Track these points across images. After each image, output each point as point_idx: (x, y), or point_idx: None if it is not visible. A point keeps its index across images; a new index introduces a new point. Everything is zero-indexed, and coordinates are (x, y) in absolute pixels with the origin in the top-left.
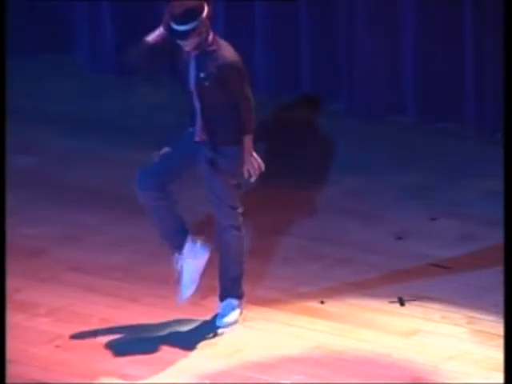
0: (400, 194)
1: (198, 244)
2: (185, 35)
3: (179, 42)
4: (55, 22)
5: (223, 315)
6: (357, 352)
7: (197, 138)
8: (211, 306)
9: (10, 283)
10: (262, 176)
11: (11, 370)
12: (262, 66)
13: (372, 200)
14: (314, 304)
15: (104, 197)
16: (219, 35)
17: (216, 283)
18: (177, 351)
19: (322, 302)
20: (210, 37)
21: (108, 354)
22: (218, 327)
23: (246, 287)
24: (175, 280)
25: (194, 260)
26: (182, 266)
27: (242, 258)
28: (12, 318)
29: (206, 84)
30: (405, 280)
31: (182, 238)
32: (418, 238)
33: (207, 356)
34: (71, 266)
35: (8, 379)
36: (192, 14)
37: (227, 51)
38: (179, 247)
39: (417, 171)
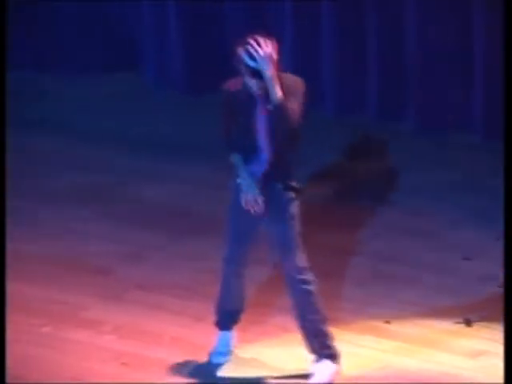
0: (466, 213)
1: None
2: (261, 72)
3: (254, 81)
4: (121, 40)
5: (313, 374)
6: (423, 372)
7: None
8: (277, 324)
9: (76, 301)
10: (328, 195)
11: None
12: (328, 86)
13: (438, 220)
14: (380, 324)
15: (169, 214)
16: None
17: (276, 300)
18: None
19: (388, 322)
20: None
21: (172, 371)
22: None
23: None
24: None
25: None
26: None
27: (319, 314)
28: (78, 335)
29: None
30: (472, 301)
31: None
32: (485, 259)
33: (273, 373)
34: (136, 283)
35: None
36: (267, 51)
37: (289, 79)
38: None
39: (482, 191)
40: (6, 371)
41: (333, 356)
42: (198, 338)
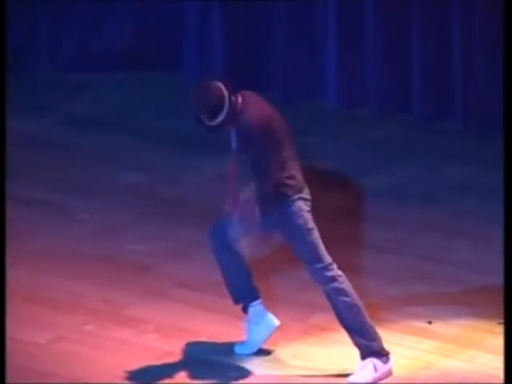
0: None
1: (268, 314)
2: (217, 129)
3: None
4: (162, 39)
5: (356, 372)
6: (465, 373)
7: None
8: (317, 323)
9: (119, 299)
10: (364, 193)
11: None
12: (373, 83)
13: (479, 220)
14: (421, 324)
15: (213, 213)
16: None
17: (316, 298)
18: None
19: (430, 322)
20: (238, 106)
21: (216, 370)
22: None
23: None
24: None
25: (258, 331)
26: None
27: (355, 309)
28: (120, 334)
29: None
30: None
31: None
32: None
33: (313, 372)
34: (179, 282)
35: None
36: (218, 109)
37: (251, 112)
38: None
39: None
40: (6, 371)
41: (376, 353)
42: (238, 336)
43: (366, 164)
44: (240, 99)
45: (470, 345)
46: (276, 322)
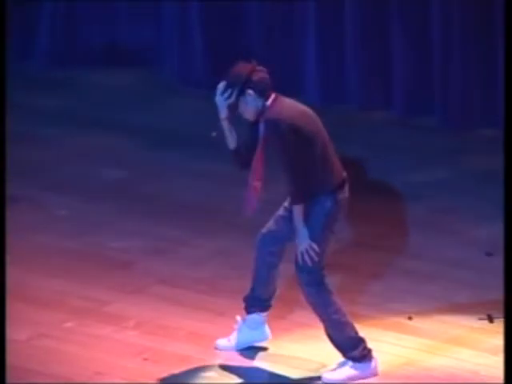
0: (489, 210)
1: (266, 326)
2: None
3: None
4: (140, 35)
5: (331, 371)
6: (445, 369)
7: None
8: (297, 320)
9: (99, 296)
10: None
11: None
12: (352, 79)
13: (461, 216)
14: (402, 320)
15: (193, 210)
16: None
17: (298, 296)
18: (263, 364)
19: (410, 318)
20: (268, 102)
21: (195, 366)
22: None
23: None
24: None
25: (249, 335)
26: (238, 328)
27: (333, 316)
28: (101, 331)
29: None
30: (494, 297)
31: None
32: None
33: (294, 368)
34: (159, 279)
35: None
36: (231, 88)
37: (274, 111)
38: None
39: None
40: (7, 371)
41: (357, 359)
42: (217, 333)
43: (346, 160)
44: (273, 96)
45: (451, 341)
46: (269, 335)
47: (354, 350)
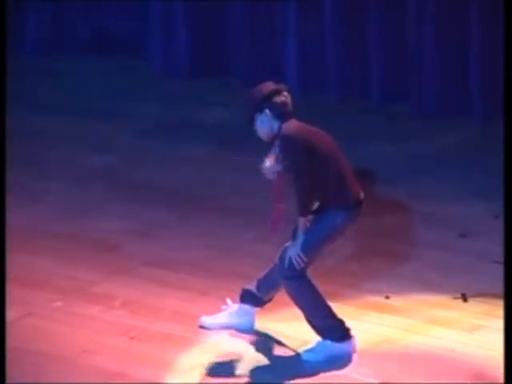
0: (464, 192)
1: (253, 321)
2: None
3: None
4: (126, 26)
5: (311, 350)
6: (422, 346)
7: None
8: (277, 300)
9: (87, 276)
10: None
11: (87, 361)
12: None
13: (436, 199)
14: (379, 299)
15: (179, 195)
16: None
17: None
18: (246, 343)
19: (388, 298)
20: (284, 125)
21: (180, 345)
22: (302, 357)
23: (314, 282)
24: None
25: (235, 320)
26: (225, 310)
27: (313, 307)
28: (88, 310)
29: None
30: (468, 277)
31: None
32: (482, 236)
33: (276, 345)
34: (145, 260)
35: (81, 370)
36: (249, 103)
37: (288, 129)
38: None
39: (480, 170)
40: (6, 371)
41: (336, 339)
42: (200, 312)
43: None
44: (291, 121)
45: (427, 319)
46: (254, 326)
47: (333, 332)
